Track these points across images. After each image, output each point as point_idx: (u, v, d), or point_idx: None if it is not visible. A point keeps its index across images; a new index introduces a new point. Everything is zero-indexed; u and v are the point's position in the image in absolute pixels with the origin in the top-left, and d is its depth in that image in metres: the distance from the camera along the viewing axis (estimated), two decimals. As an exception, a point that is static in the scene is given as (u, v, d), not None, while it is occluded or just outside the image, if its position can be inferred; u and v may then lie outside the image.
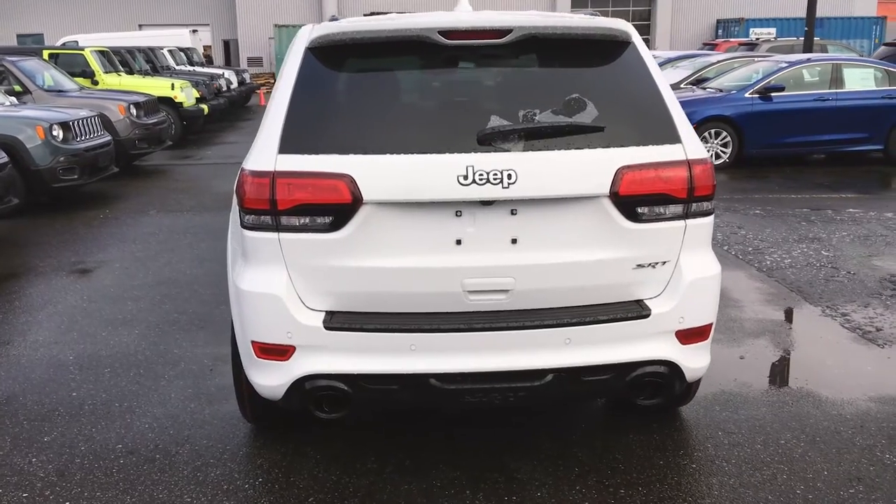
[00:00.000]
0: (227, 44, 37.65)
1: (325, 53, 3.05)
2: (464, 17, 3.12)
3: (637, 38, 3.15)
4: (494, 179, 2.79)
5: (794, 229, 7.84)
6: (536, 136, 2.87)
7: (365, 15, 3.51)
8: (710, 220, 3.05)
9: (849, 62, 12.14)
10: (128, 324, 5.27)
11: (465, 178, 2.79)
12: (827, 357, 4.66)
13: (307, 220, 2.86)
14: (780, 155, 11.77)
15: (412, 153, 2.83)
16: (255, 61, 35.47)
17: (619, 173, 2.86)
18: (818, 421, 3.81)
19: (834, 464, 3.43)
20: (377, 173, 2.82)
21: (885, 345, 4.82)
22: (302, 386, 2.95)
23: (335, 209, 2.83)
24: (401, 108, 3.06)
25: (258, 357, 3.01)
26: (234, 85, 21.69)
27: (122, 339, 4.98)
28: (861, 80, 11.63)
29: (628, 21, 3.30)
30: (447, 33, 2.94)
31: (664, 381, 3.02)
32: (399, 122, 2.98)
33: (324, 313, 2.93)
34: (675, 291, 3.00)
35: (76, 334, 5.10)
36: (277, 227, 2.89)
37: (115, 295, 5.91)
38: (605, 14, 3.91)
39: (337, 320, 2.91)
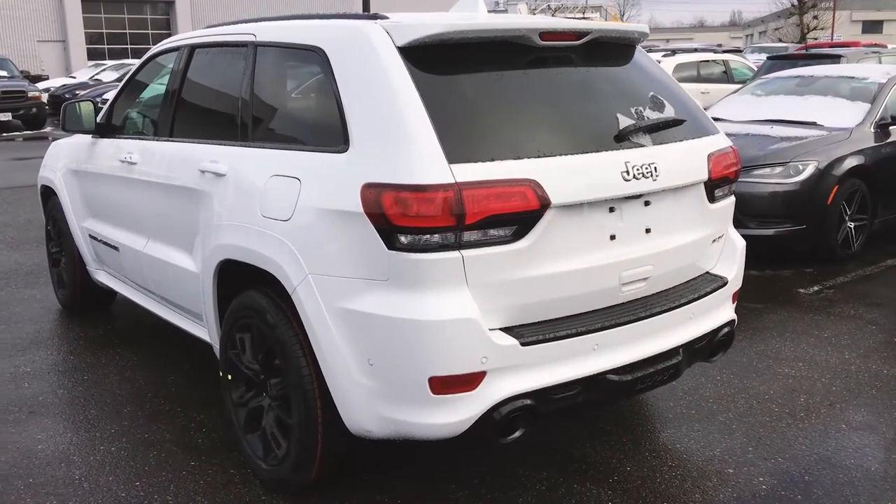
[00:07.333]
0: None
1: (427, 53, 2.80)
2: (546, 19, 3.14)
3: None
4: (647, 173, 2.92)
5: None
6: (655, 131, 3.06)
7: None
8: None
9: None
10: None
11: (627, 173, 2.86)
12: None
13: (492, 232, 2.63)
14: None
15: (578, 153, 2.81)
16: None
17: (710, 160, 3.22)
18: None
19: (766, 384, 4.25)
20: (559, 175, 2.73)
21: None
22: (491, 414, 2.68)
23: (522, 217, 2.65)
24: (539, 108, 2.91)
25: (435, 394, 2.62)
26: None
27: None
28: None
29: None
30: (543, 34, 2.94)
31: (729, 338, 3.46)
32: (550, 122, 2.91)
33: (499, 331, 2.71)
34: (731, 259, 3.45)
35: None
36: (459, 245, 2.58)
37: None
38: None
39: (528, 334, 2.72)
